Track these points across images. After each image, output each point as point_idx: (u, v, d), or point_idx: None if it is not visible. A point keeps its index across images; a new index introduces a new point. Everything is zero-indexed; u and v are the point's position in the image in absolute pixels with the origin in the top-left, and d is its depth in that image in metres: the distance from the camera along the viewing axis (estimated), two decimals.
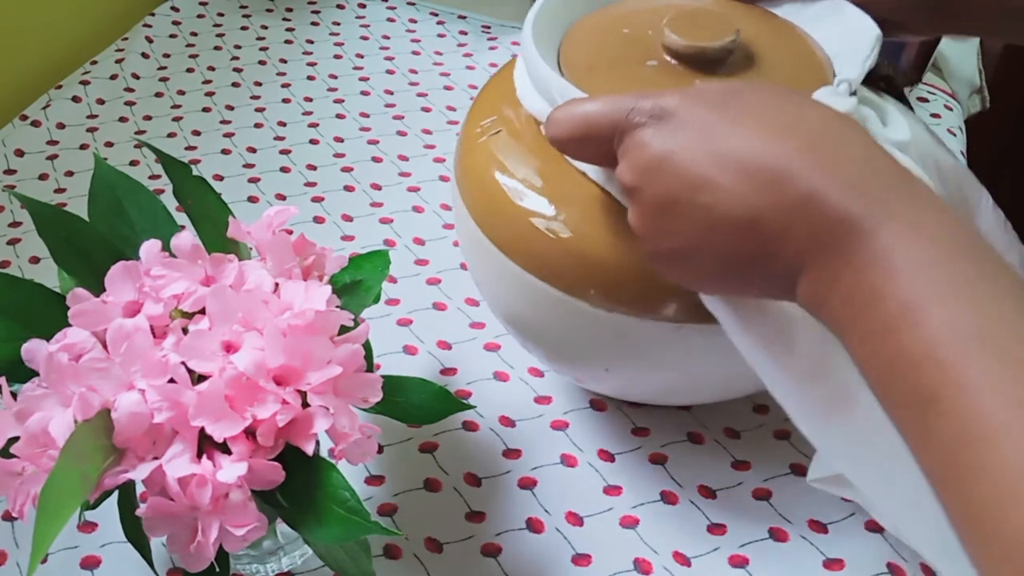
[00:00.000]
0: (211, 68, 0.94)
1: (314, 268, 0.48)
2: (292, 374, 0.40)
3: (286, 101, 0.90)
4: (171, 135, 0.85)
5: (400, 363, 0.64)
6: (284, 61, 0.96)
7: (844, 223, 0.33)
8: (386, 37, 1.00)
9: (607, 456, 0.59)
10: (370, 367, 0.46)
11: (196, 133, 0.86)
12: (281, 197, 0.79)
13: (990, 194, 0.48)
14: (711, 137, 0.37)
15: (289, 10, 1.04)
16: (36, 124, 0.86)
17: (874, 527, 0.55)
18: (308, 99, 0.91)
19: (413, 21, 1.03)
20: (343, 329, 0.44)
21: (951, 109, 0.91)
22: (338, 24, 1.02)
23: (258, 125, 0.87)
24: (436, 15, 1.04)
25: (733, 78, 0.48)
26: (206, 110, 0.89)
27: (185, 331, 0.41)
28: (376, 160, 0.83)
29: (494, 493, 0.57)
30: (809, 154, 0.34)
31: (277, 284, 0.44)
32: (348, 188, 0.80)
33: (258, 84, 0.92)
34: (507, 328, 0.56)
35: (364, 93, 0.92)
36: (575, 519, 0.55)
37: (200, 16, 1.03)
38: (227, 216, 0.47)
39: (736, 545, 0.54)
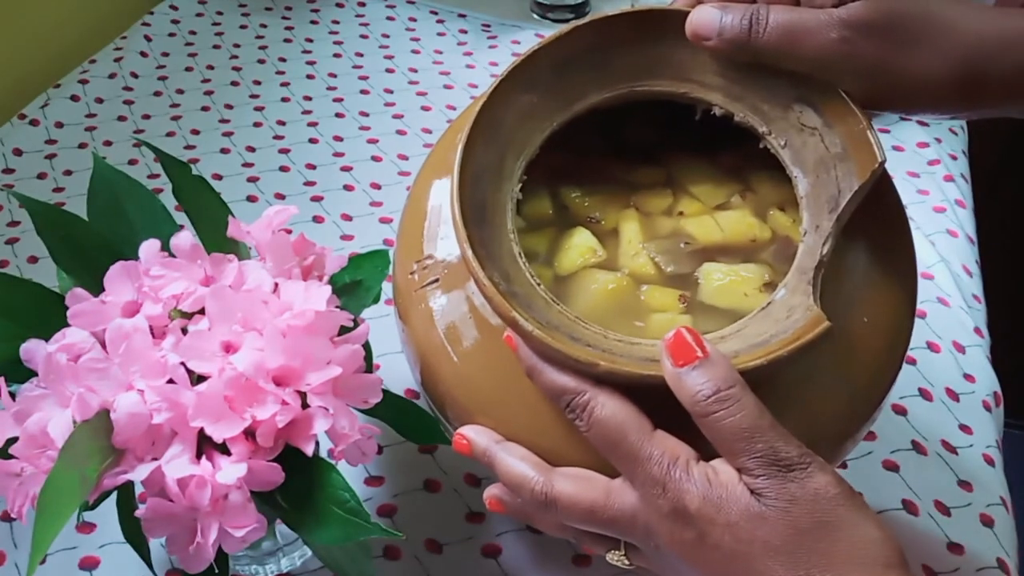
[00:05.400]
0: (210, 67, 0.94)
1: (314, 268, 0.48)
2: (292, 375, 0.40)
3: (285, 100, 0.90)
4: (170, 134, 0.85)
5: (400, 363, 0.64)
6: (283, 60, 0.96)
7: None
8: (385, 36, 1.00)
9: None
10: (369, 367, 0.46)
11: (195, 132, 0.85)
12: (280, 196, 0.79)
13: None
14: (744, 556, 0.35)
15: (288, 9, 1.04)
16: (35, 123, 0.85)
17: None
18: (307, 98, 0.90)
19: (413, 20, 1.03)
20: (343, 329, 0.43)
21: None
22: (337, 23, 1.02)
23: (257, 124, 0.87)
24: (436, 14, 1.04)
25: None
26: (205, 109, 0.88)
27: (184, 331, 0.41)
28: (376, 159, 0.83)
29: None
30: None
31: (277, 284, 0.44)
32: (347, 187, 0.80)
33: (257, 83, 0.92)
34: None
35: (363, 92, 0.91)
36: None
37: (199, 15, 1.02)
38: (226, 215, 0.47)
39: None
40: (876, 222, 0.42)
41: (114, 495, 0.42)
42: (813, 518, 0.35)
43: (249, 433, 0.39)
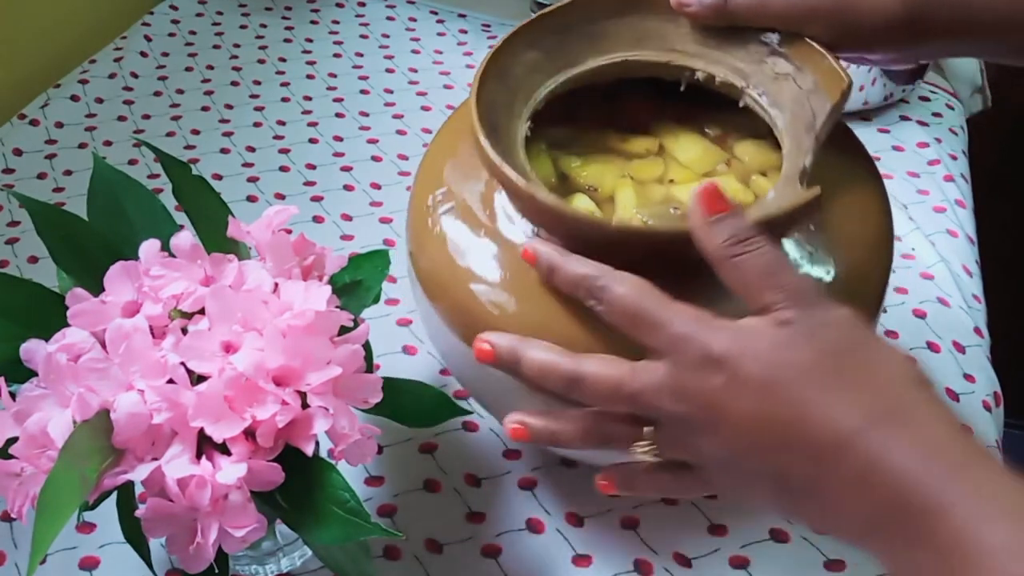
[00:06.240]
0: (210, 67, 0.94)
1: (314, 268, 0.48)
2: (292, 375, 0.40)
3: (285, 100, 0.90)
4: (170, 134, 0.85)
5: (399, 363, 0.64)
6: (283, 60, 0.96)
7: (915, 498, 0.32)
8: (385, 36, 1.00)
9: None
10: (369, 367, 0.46)
11: (195, 132, 0.85)
12: (280, 196, 0.79)
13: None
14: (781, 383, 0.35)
15: (288, 9, 1.04)
16: (35, 123, 0.85)
17: None
18: (307, 98, 0.90)
19: (413, 20, 1.03)
20: (343, 329, 0.43)
21: (952, 108, 0.91)
22: (337, 23, 1.02)
23: (257, 124, 0.87)
24: (436, 13, 1.04)
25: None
26: (205, 109, 0.88)
27: (184, 331, 0.41)
28: (376, 159, 0.83)
29: (494, 494, 0.57)
30: (881, 421, 0.34)
31: (277, 284, 0.44)
32: (348, 187, 0.80)
33: (257, 83, 0.92)
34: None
35: (363, 92, 0.91)
36: (575, 520, 0.55)
37: (199, 15, 1.02)
38: (226, 215, 0.47)
39: (737, 546, 0.54)
40: (838, 151, 0.47)
41: (114, 495, 0.42)
42: (842, 342, 0.36)
43: (249, 433, 0.39)
